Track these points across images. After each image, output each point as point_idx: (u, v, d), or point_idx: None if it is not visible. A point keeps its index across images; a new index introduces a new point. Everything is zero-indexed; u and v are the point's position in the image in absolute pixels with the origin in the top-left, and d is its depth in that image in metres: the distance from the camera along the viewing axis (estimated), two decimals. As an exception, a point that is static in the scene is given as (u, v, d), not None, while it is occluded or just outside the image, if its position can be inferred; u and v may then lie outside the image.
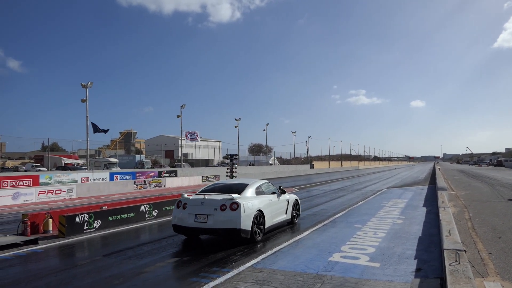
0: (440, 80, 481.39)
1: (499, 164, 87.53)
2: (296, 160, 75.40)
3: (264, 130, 59.54)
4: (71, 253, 8.22)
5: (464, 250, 5.50)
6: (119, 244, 8.86)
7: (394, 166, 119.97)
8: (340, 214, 12.90)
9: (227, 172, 27.21)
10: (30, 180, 22.78)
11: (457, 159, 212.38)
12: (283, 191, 10.61)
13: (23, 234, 9.52)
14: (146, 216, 12.40)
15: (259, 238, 8.59)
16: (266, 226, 9.00)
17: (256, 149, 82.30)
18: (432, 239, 8.51)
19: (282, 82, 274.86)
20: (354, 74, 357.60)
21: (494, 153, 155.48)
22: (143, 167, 44.61)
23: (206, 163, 60.10)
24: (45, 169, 38.30)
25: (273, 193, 10.02)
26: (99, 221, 10.61)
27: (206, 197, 8.48)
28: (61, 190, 21.59)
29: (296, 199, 11.39)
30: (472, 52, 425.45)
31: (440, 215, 9.19)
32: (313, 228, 10.25)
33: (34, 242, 8.85)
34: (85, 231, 10.09)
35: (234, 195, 8.36)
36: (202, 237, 9.12)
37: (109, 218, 10.98)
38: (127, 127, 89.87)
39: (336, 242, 8.37)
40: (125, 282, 5.89)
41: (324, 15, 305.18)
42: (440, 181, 24.03)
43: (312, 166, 71.91)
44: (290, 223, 10.86)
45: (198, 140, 43.31)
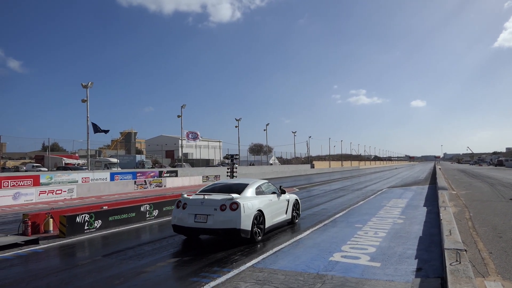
0: (441, 80, 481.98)
1: (500, 164, 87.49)
2: (297, 160, 75.40)
3: (265, 130, 59.62)
4: (72, 253, 8.22)
5: (465, 250, 5.50)
6: (120, 244, 8.86)
7: (395, 166, 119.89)
8: (341, 214, 12.90)
9: (228, 172, 27.22)
10: (31, 180, 22.80)
11: (458, 159, 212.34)
12: (283, 191, 10.60)
13: (24, 234, 9.53)
14: (147, 216, 12.41)
15: (259, 238, 8.58)
16: (266, 226, 8.99)
17: (257, 149, 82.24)
18: (433, 239, 8.50)
19: (283, 82, 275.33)
20: (355, 74, 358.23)
21: (495, 153, 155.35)
22: (144, 167, 44.63)
23: (207, 163, 60.11)
24: (46, 169, 38.32)
25: (273, 193, 10.01)
26: (100, 221, 10.61)
27: (206, 197, 8.47)
28: (62, 190, 21.61)
29: (296, 199, 11.38)
30: (473, 52, 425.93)
31: (441, 215, 9.18)
32: (314, 228, 10.25)
33: (35, 242, 8.85)
34: (86, 231, 10.10)
35: (234, 195, 8.35)
36: (203, 237, 9.12)
37: (110, 218, 10.99)
38: (128, 127, 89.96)
39: (337, 242, 8.37)
40: (126, 282, 5.90)
41: (325, 15, 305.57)
42: (441, 181, 24.01)
43: (313, 166, 71.90)
44: (290, 223, 10.85)
45: (199, 140, 43.34)
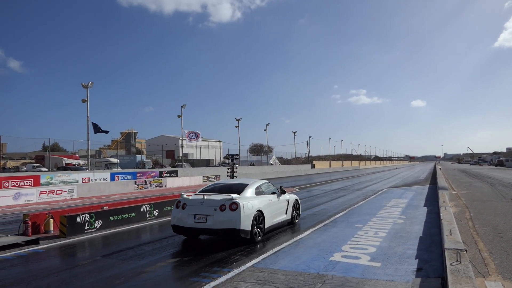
0: (441, 80, 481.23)
1: (500, 164, 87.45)
2: (297, 160, 75.39)
3: (265, 130, 59.65)
4: (72, 253, 8.23)
5: (465, 250, 5.50)
6: (120, 244, 8.87)
7: (395, 166, 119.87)
8: (341, 214, 12.90)
9: (228, 172, 27.22)
10: (31, 181, 22.80)
11: (458, 159, 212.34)
12: (283, 191, 10.59)
13: (24, 234, 9.54)
14: (147, 216, 12.41)
15: (259, 239, 8.57)
16: (266, 226, 8.98)
17: (257, 149, 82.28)
18: (433, 239, 8.50)
19: (283, 82, 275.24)
20: (355, 74, 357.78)
21: (495, 153, 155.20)
22: (144, 167, 44.63)
23: (207, 163, 60.14)
24: (46, 170, 38.36)
25: (273, 193, 10.00)
26: (100, 221, 10.62)
27: (206, 197, 8.46)
28: (62, 190, 21.61)
29: (296, 199, 11.37)
30: (473, 52, 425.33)
31: (441, 215, 9.18)
32: (314, 228, 10.24)
33: (35, 242, 8.86)
34: (86, 231, 10.10)
35: (234, 195, 8.34)
36: (203, 237, 9.12)
37: (110, 218, 10.99)
38: (128, 127, 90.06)
39: (337, 242, 8.37)
40: (126, 282, 5.90)
41: (325, 15, 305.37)
42: (441, 181, 24.00)
43: (313, 166, 71.90)
44: (290, 223, 10.85)
45: (199, 140, 43.35)
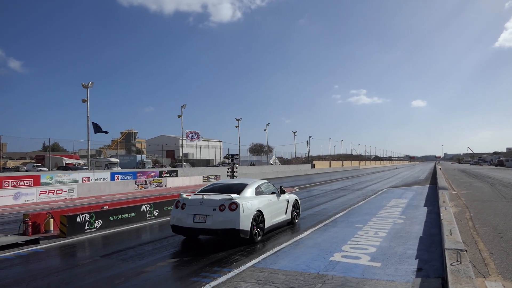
0: (441, 80, 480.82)
1: (500, 164, 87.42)
2: (297, 160, 75.39)
3: (265, 130, 59.61)
4: (72, 253, 8.23)
5: (465, 250, 5.50)
6: (120, 244, 8.87)
7: (395, 166, 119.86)
8: (341, 214, 12.90)
9: (228, 172, 27.22)
10: (31, 180, 22.81)
11: (458, 159, 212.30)
12: (283, 191, 10.58)
13: (25, 234, 9.54)
14: (147, 216, 12.42)
15: (259, 239, 8.55)
16: (266, 227, 8.97)
17: (257, 149, 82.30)
18: (433, 239, 8.50)
19: (283, 82, 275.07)
20: (355, 74, 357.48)
21: (495, 153, 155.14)
22: (144, 167, 44.65)
23: (207, 163, 60.13)
24: (46, 169, 38.35)
25: (273, 193, 9.99)
26: (100, 221, 10.62)
27: (205, 197, 8.44)
28: (62, 190, 21.62)
29: (296, 199, 11.37)
30: (473, 52, 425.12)
31: (441, 215, 9.18)
32: (314, 228, 10.24)
33: (35, 242, 8.86)
34: (86, 231, 10.10)
35: (233, 195, 8.32)
36: (203, 237, 9.11)
37: (110, 218, 10.99)
38: (128, 127, 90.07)
39: (337, 242, 8.37)
40: (126, 282, 5.90)
41: (325, 15, 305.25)
42: (441, 181, 24.00)
43: (313, 166, 71.89)
44: (290, 223, 10.84)
45: (199, 140, 43.36)
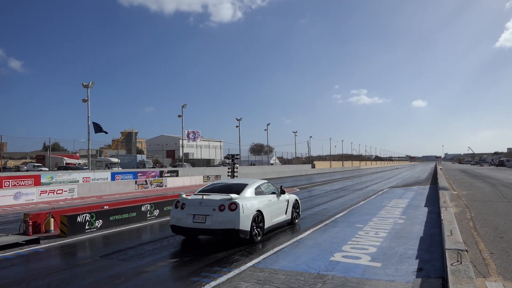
0: (442, 80, 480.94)
1: (501, 164, 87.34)
2: (298, 160, 75.38)
3: (265, 130, 59.61)
4: (73, 253, 8.23)
5: (466, 250, 5.49)
6: (121, 244, 8.87)
7: (396, 166, 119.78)
8: (342, 214, 12.89)
9: (228, 172, 27.22)
10: (32, 180, 22.82)
11: (459, 159, 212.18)
12: (283, 191, 10.56)
13: (25, 234, 9.54)
14: (148, 216, 12.42)
15: (258, 239, 8.54)
16: (266, 227, 8.95)
17: (257, 149, 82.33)
18: (434, 239, 8.50)
19: (283, 82, 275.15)
20: (356, 74, 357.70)
21: (496, 153, 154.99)
22: (145, 167, 44.69)
23: (207, 163, 60.14)
24: (47, 169, 38.38)
25: (273, 193, 9.97)
26: (101, 221, 10.62)
27: (205, 197, 8.43)
28: (63, 190, 21.63)
29: (296, 199, 11.35)
30: (474, 52, 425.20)
31: (442, 215, 9.17)
32: (314, 228, 10.24)
33: (36, 242, 8.87)
34: (87, 231, 10.11)
35: (233, 195, 8.29)
36: (203, 237, 9.10)
37: (111, 218, 11.00)
38: (129, 127, 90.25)
39: (338, 242, 8.37)
40: (127, 282, 5.90)
41: (326, 15, 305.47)
42: (442, 181, 23.97)
43: (313, 166, 71.86)
44: (290, 224, 10.83)
45: (199, 140, 43.37)
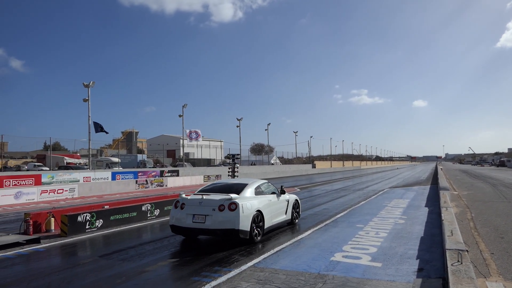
0: (443, 80, 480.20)
1: (502, 164, 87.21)
2: (298, 160, 75.39)
3: (266, 130, 59.67)
4: (73, 252, 8.24)
5: (466, 250, 5.49)
6: (121, 243, 8.87)
7: (396, 166, 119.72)
8: (342, 214, 12.89)
9: (229, 172, 27.22)
10: (32, 180, 22.85)
11: (460, 159, 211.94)
12: (283, 191, 10.54)
13: (26, 233, 9.55)
14: (148, 216, 12.42)
15: (258, 239, 8.52)
16: (266, 227, 8.93)
17: (258, 149, 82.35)
18: (434, 239, 8.49)
19: (284, 82, 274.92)
20: (356, 74, 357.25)
21: (497, 153, 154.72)
22: (145, 167, 44.70)
23: (208, 163, 60.17)
24: (47, 169, 38.41)
25: (273, 193, 9.95)
26: (101, 220, 10.63)
27: (204, 197, 8.41)
28: (63, 190, 21.63)
29: (296, 199, 11.34)
30: (475, 52, 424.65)
31: (442, 215, 9.17)
32: (315, 228, 10.24)
33: (36, 241, 8.87)
34: (87, 230, 10.11)
35: (233, 195, 8.27)
36: (204, 237, 9.09)
37: (111, 218, 11.00)
38: (129, 127, 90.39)
39: (338, 242, 8.36)
40: (127, 281, 5.91)
41: (326, 15, 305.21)
42: (442, 181, 23.96)
43: (314, 166, 71.86)
44: (290, 224, 10.82)
45: (200, 139, 43.37)
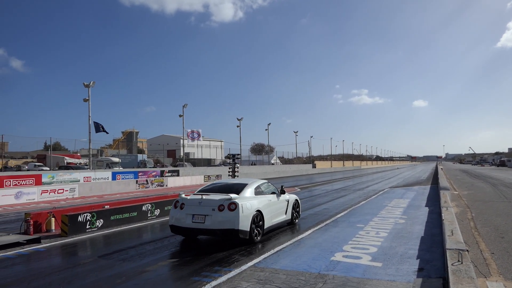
0: (443, 80, 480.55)
1: (502, 164, 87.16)
2: (298, 160, 75.36)
3: (266, 130, 59.67)
4: (74, 252, 8.24)
5: (467, 250, 5.49)
6: (121, 243, 8.88)
7: (396, 166, 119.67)
8: (342, 214, 12.88)
9: (229, 172, 27.23)
10: (33, 180, 22.86)
11: (460, 159, 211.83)
12: (283, 191, 10.52)
13: (26, 233, 9.56)
14: (148, 216, 12.43)
15: (258, 239, 8.50)
16: (265, 227, 8.92)
17: (258, 149, 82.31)
18: (435, 239, 8.49)
19: (284, 82, 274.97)
20: (357, 74, 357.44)
21: (497, 153, 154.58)
22: (145, 167, 44.70)
23: (208, 163, 60.15)
24: (48, 169, 38.45)
25: (273, 193, 9.93)
26: (102, 220, 10.63)
27: (204, 197, 8.40)
28: (64, 190, 21.64)
29: (296, 199, 11.32)
30: (475, 52, 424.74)
31: (443, 215, 9.16)
32: (315, 228, 10.24)
33: (37, 241, 8.88)
34: (88, 230, 10.12)
35: (233, 195, 8.25)
36: (204, 237, 9.08)
37: (112, 217, 11.00)
38: (129, 127, 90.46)
39: (338, 242, 8.36)
40: (127, 281, 5.91)
41: (326, 15, 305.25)
42: (443, 181, 23.95)
43: (314, 166, 71.84)
44: (290, 224, 10.81)
45: (200, 139, 43.38)
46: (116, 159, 44.69)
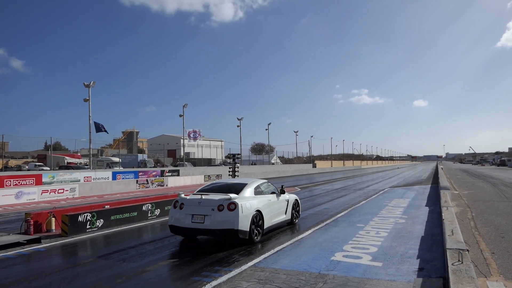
0: (443, 80, 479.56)
1: (502, 164, 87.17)
2: (298, 160, 75.36)
3: (266, 130, 59.64)
4: (74, 252, 8.25)
5: (467, 250, 5.49)
6: (122, 243, 8.88)
7: (397, 166, 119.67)
8: (343, 214, 12.88)
9: (229, 171, 27.25)
10: (33, 179, 22.85)
11: (460, 159, 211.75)
12: (283, 191, 10.50)
13: (26, 233, 9.56)
14: (149, 215, 12.43)
15: (258, 239, 8.49)
16: (265, 227, 8.90)
17: (258, 149, 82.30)
18: (435, 239, 8.49)
19: (284, 82, 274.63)
20: (357, 74, 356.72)
21: (497, 153, 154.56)
22: (146, 167, 44.74)
23: (209, 163, 60.22)
24: (48, 168, 38.47)
25: (273, 193, 9.92)
26: (102, 220, 10.64)
27: (203, 197, 8.39)
28: (64, 189, 21.66)
29: (296, 199, 11.31)
30: (475, 52, 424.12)
31: (443, 215, 9.16)
32: (315, 228, 10.24)
33: (37, 241, 8.88)
34: (88, 230, 10.12)
35: (232, 195, 8.22)
36: (204, 237, 9.07)
37: (112, 217, 11.01)
38: (130, 127, 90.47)
39: (338, 242, 8.36)
40: (128, 281, 5.91)
41: (326, 15, 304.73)
42: (443, 181, 23.95)
43: (314, 166, 71.85)
44: (290, 224, 10.80)
45: (200, 139, 43.39)
46: (117, 159, 44.73)
